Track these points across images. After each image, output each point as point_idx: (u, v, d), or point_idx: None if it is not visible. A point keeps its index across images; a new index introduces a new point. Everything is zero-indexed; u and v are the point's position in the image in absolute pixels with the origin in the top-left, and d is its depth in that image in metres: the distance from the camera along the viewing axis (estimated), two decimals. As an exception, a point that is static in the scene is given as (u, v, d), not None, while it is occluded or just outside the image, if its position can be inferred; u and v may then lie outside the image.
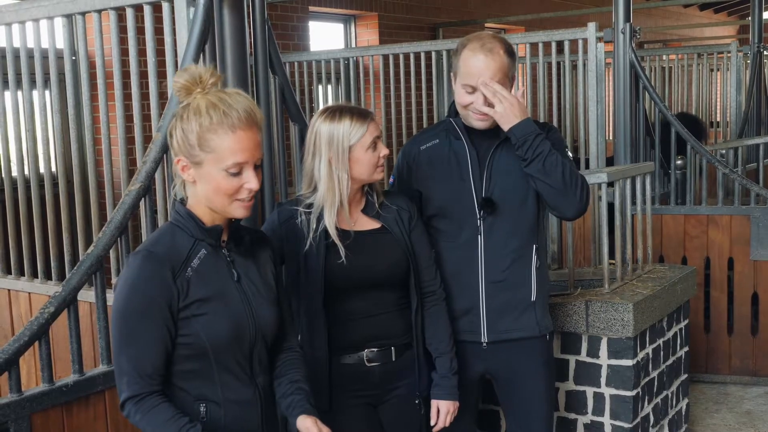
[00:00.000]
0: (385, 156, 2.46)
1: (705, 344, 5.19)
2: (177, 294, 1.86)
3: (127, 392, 1.84)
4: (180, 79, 1.88)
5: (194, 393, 1.91)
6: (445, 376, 2.58)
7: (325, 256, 2.41)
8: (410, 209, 2.58)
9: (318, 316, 2.42)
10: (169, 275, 1.85)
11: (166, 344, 1.86)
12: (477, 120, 2.64)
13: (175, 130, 1.89)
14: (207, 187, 1.89)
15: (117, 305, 1.86)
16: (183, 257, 1.89)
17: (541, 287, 2.77)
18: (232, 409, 1.94)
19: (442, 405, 2.59)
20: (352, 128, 2.43)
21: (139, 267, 1.85)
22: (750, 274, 5.07)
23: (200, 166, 1.88)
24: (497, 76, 2.57)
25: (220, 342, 1.90)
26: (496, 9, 9.71)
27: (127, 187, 2.49)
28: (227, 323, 1.91)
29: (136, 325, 1.83)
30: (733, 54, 7.27)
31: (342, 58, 5.99)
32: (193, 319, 1.88)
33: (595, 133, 4.68)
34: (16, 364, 2.16)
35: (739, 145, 5.97)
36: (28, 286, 3.44)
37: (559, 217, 2.94)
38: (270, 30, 2.77)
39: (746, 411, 4.79)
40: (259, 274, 2.05)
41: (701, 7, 15.18)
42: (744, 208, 5.05)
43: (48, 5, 3.07)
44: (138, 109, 2.89)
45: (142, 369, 1.83)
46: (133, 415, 1.85)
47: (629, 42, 4.77)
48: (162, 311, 1.84)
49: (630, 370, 3.32)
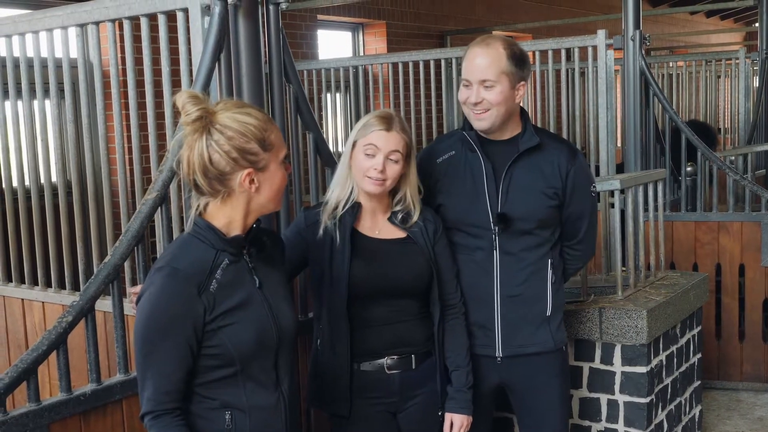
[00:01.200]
0: (377, 171, 2.40)
1: (716, 351, 5.18)
2: (204, 309, 1.86)
3: (145, 407, 1.87)
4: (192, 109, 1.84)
5: (220, 401, 1.93)
6: (460, 390, 2.58)
7: (349, 262, 2.41)
8: (436, 222, 2.58)
9: (341, 322, 2.43)
10: (195, 291, 1.85)
11: (187, 361, 1.87)
12: (475, 118, 2.62)
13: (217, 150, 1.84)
14: (269, 189, 1.92)
15: (139, 322, 1.87)
16: (207, 271, 1.89)
17: (557, 302, 2.76)
18: (258, 415, 1.95)
19: (456, 419, 2.59)
20: (365, 126, 2.44)
21: (162, 284, 1.85)
22: (761, 281, 5.06)
23: (266, 168, 1.90)
24: (490, 70, 2.55)
25: (247, 349, 1.91)
26: (503, 16, 9.74)
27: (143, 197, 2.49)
28: (252, 331, 1.92)
29: (157, 342, 1.84)
30: (741, 61, 7.27)
31: (351, 67, 6.00)
32: (220, 330, 1.89)
33: (605, 140, 4.68)
34: (34, 374, 2.16)
35: (749, 151, 5.96)
36: (41, 295, 3.44)
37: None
38: (285, 38, 2.78)
39: (758, 417, 4.77)
40: (278, 276, 2.07)
41: (708, 14, 15.18)
42: (755, 215, 5.04)
43: (62, 15, 3.08)
44: (152, 119, 2.90)
45: (162, 386, 1.85)
46: (149, 428, 1.88)
47: (639, 49, 4.77)
48: (185, 329, 1.84)
49: (644, 377, 3.31)
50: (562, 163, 2.68)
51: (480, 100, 2.58)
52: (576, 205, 2.72)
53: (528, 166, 2.66)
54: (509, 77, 2.58)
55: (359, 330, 2.45)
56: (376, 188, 2.42)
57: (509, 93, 2.59)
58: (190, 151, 1.87)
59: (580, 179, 2.70)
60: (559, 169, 2.67)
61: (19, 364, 2.13)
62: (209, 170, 1.87)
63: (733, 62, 7.61)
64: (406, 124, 2.50)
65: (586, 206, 2.76)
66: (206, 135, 1.85)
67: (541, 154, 2.67)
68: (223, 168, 1.87)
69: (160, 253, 2.86)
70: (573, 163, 2.68)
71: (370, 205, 2.50)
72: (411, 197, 2.50)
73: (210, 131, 1.86)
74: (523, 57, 2.63)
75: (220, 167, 1.87)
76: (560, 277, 2.80)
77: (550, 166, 2.67)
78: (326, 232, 2.45)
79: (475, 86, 2.58)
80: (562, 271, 2.82)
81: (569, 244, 2.80)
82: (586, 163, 2.80)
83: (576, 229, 2.78)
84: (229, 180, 1.89)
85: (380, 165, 2.39)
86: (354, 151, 2.44)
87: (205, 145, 1.85)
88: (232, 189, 1.90)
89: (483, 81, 2.57)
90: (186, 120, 1.85)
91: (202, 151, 1.85)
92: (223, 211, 1.93)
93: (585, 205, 2.75)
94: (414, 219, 2.50)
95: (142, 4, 2.80)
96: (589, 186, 2.75)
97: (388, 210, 2.53)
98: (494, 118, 2.61)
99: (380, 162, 2.39)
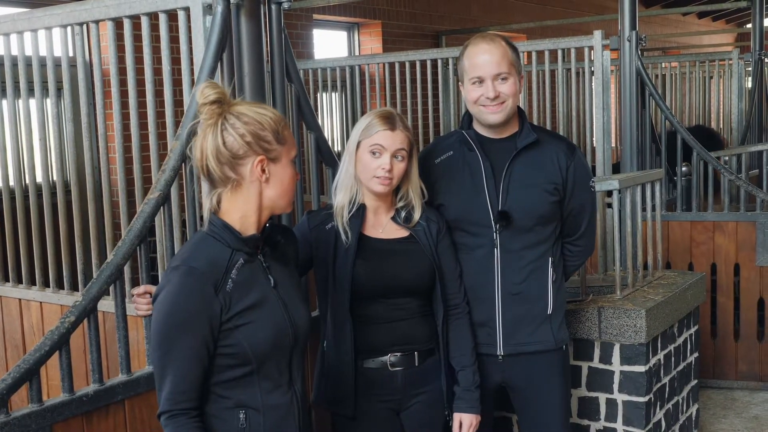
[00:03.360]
0: (386, 170, 2.41)
1: (712, 350, 5.20)
2: (221, 308, 1.87)
3: (162, 406, 1.88)
4: (210, 92, 1.88)
5: (234, 400, 1.93)
6: (468, 389, 2.59)
7: (353, 261, 2.42)
8: (439, 221, 2.59)
9: (345, 320, 2.44)
10: (212, 290, 1.86)
11: (204, 361, 1.88)
12: (490, 113, 2.62)
13: (232, 133, 1.87)
14: (280, 184, 1.94)
15: (157, 320, 1.87)
16: (223, 269, 1.89)
17: (558, 300, 2.77)
18: (272, 415, 1.96)
19: (465, 418, 2.60)
20: (368, 127, 2.44)
21: (179, 283, 1.85)
22: (756, 280, 5.09)
23: (278, 160, 1.92)
24: (503, 63, 2.59)
25: (263, 349, 1.92)
26: (498, 17, 9.76)
27: (142, 196, 2.49)
28: (269, 330, 1.93)
29: (175, 341, 1.85)
30: (734, 61, 7.30)
31: (348, 66, 5.99)
32: (236, 329, 1.90)
33: (601, 140, 4.69)
34: (37, 375, 2.15)
35: (743, 151, 5.98)
36: (39, 295, 3.42)
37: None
38: (287, 38, 2.78)
39: (754, 416, 4.80)
40: (291, 275, 2.08)
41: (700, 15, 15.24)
42: (750, 215, 5.07)
43: (61, 13, 3.06)
44: (153, 118, 2.89)
45: (178, 385, 1.86)
46: (165, 427, 1.89)
47: (635, 49, 4.78)
48: (202, 327, 1.85)
49: (642, 376, 3.32)
50: (561, 158, 2.69)
51: (497, 94, 2.60)
52: (577, 199, 2.74)
53: (527, 162, 2.67)
54: (516, 69, 2.64)
55: (362, 328, 2.47)
56: (384, 188, 2.43)
57: (518, 84, 2.65)
58: (204, 137, 1.89)
59: (579, 174, 2.73)
60: (559, 164, 2.69)
61: (21, 365, 2.12)
62: (222, 154, 1.88)
63: (727, 63, 7.64)
64: (406, 120, 2.50)
65: (587, 200, 2.78)
66: (222, 120, 1.88)
67: (539, 151, 2.69)
68: (236, 151, 1.88)
69: (159, 254, 2.86)
70: (572, 158, 2.70)
71: (374, 204, 2.51)
72: (412, 194, 2.52)
73: (226, 117, 1.89)
74: (518, 50, 2.71)
75: (233, 149, 1.88)
76: (561, 275, 2.81)
77: (549, 162, 2.69)
78: (331, 233, 2.46)
79: (489, 81, 2.59)
80: (563, 270, 2.83)
81: (570, 240, 2.82)
82: (584, 158, 2.82)
83: (577, 224, 2.79)
84: (240, 165, 1.90)
85: (388, 164, 2.40)
86: (359, 152, 2.45)
87: (219, 129, 1.88)
88: (243, 177, 1.91)
89: (498, 74, 2.59)
90: (204, 101, 1.87)
91: (217, 135, 1.88)
92: (235, 204, 1.94)
93: (585, 199, 2.78)
94: (416, 216, 2.51)
95: (143, 3, 2.79)
96: (589, 180, 2.78)
97: (392, 209, 2.53)
98: (509, 110, 2.64)
99: (387, 161, 2.40)
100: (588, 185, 2.77)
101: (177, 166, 2.44)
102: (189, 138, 2.45)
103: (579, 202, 2.75)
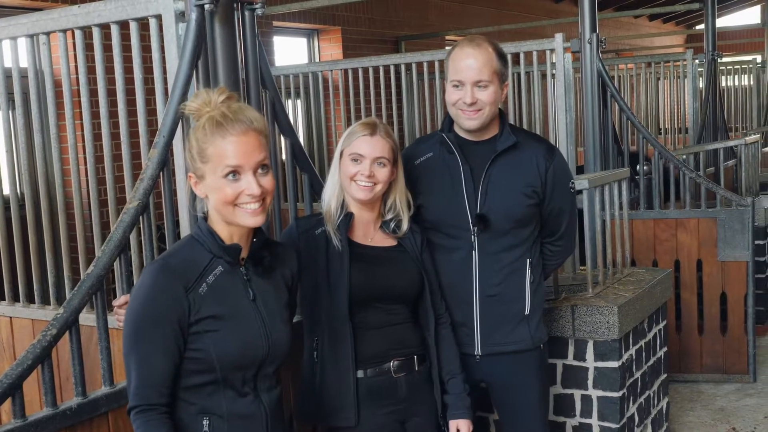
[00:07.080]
0: (365, 176, 2.41)
1: (677, 344, 5.31)
2: (188, 308, 1.88)
3: (132, 401, 1.88)
4: (193, 103, 1.95)
5: (198, 406, 1.94)
6: (461, 395, 2.60)
7: (349, 265, 2.41)
8: (422, 233, 2.61)
9: (343, 328, 2.41)
10: (181, 289, 1.88)
11: (174, 357, 1.88)
12: (466, 119, 2.64)
13: (184, 149, 1.96)
14: (214, 198, 1.94)
15: (127, 313, 1.90)
16: (198, 272, 1.92)
17: (535, 301, 2.79)
18: (236, 423, 1.96)
19: (462, 424, 2.61)
20: (350, 135, 2.47)
21: (153, 277, 1.89)
22: (718, 275, 5.21)
23: (204, 178, 1.94)
24: (484, 70, 2.58)
25: (229, 360, 1.92)
26: (455, 22, 9.85)
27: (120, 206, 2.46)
28: (238, 342, 1.93)
29: (144, 333, 1.87)
30: (689, 62, 7.48)
31: (310, 72, 5.99)
32: (205, 335, 1.90)
33: (565, 141, 4.76)
34: (19, 389, 2.11)
35: (700, 150, 6.14)
36: (9, 310, 3.35)
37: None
38: (261, 44, 2.78)
39: (720, 408, 4.91)
40: (278, 293, 2.06)
41: (650, 17, 15.57)
42: (710, 211, 5.19)
43: (27, 23, 3.01)
44: (125, 127, 2.85)
45: (147, 378, 1.86)
46: (133, 422, 1.89)
47: (596, 52, 4.87)
48: (171, 322, 1.87)
49: (616, 371, 3.38)
50: (541, 161, 2.72)
51: (474, 101, 2.60)
52: (556, 201, 2.77)
53: (506, 165, 2.69)
54: (499, 77, 2.62)
55: (361, 335, 2.44)
56: (365, 193, 2.43)
57: (499, 92, 2.64)
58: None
59: (559, 176, 2.75)
60: (538, 167, 2.71)
61: (4, 380, 2.08)
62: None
63: (681, 64, 7.83)
64: (391, 130, 2.51)
65: (567, 201, 2.81)
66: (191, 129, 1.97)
67: (518, 154, 2.71)
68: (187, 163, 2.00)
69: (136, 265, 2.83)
70: (551, 160, 2.73)
71: (361, 214, 2.51)
72: (400, 203, 2.52)
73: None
74: (506, 56, 2.68)
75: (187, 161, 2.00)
76: (539, 276, 2.84)
77: (528, 165, 2.71)
78: (321, 238, 2.45)
79: (469, 87, 2.59)
80: (542, 269, 2.86)
81: (550, 240, 2.85)
82: (564, 160, 2.85)
83: (557, 225, 2.82)
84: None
85: (367, 170, 2.40)
86: (342, 160, 2.46)
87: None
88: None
89: (478, 81, 2.59)
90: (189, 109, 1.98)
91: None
92: (211, 212, 1.98)
93: (565, 200, 2.80)
94: (404, 227, 2.52)
95: (113, 11, 2.75)
96: (569, 182, 2.81)
97: (380, 219, 2.54)
98: (485, 117, 2.64)
99: (367, 167, 2.41)
100: (567, 186, 2.80)
101: (155, 175, 2.42)
102: (167, 146, 2.44)
103: (558, 204, 2.78)
